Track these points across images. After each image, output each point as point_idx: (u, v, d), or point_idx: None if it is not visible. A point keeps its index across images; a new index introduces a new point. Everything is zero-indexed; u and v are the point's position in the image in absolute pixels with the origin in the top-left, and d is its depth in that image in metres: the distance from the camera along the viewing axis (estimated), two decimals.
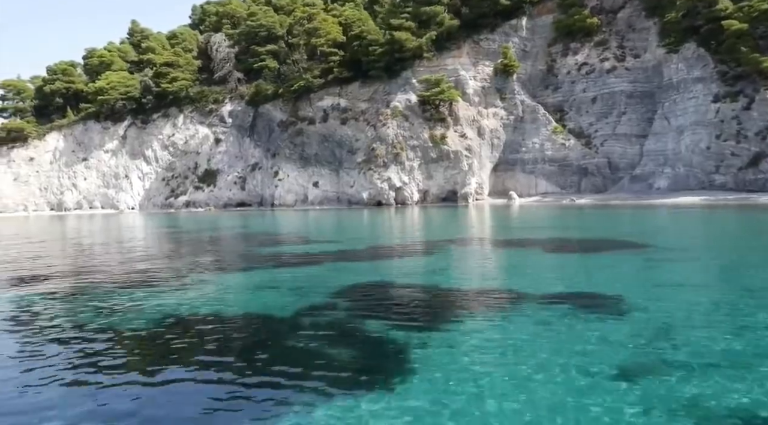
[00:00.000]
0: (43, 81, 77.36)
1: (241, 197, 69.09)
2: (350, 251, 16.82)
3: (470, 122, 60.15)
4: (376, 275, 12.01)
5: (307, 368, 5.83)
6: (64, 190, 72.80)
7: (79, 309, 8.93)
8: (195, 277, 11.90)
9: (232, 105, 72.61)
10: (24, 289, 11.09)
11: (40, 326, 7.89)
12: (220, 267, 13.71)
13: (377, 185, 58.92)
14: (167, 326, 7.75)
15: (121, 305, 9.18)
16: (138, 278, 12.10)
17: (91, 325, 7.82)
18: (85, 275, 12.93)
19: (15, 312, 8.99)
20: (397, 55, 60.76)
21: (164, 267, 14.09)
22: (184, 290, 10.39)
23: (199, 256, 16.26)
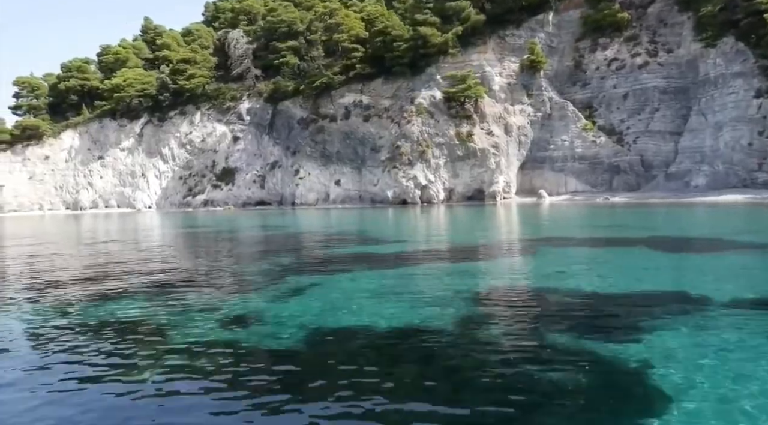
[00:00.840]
0: (58, 78, 76.31)
1: (260, 196, 67.93)
2: (438, 251, 15.58)
3: (496, 119, 58.88)
4: (499, 278, 10.78)
5: (522, 403, 4.51)
6: (80, 189, 71.74)
7: (172, 324, 7.72)
8: (294, 282, 10.65)
9: (250, 102, 71.46)
10: (47, 297, 9.88)
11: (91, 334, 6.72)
12: (312, 270, 12.46)
13: (402, 184, 57.71)
14: (291, 348, 6.42)
15: (225, 320, 7.96)
16: (227, 283, 10.89)
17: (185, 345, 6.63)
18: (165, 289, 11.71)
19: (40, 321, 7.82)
20: (421, 50, 59.52)
21: (243, 271, 12.84)
22: (291, 297, 9.14)
23: (275, 257, 15.01)
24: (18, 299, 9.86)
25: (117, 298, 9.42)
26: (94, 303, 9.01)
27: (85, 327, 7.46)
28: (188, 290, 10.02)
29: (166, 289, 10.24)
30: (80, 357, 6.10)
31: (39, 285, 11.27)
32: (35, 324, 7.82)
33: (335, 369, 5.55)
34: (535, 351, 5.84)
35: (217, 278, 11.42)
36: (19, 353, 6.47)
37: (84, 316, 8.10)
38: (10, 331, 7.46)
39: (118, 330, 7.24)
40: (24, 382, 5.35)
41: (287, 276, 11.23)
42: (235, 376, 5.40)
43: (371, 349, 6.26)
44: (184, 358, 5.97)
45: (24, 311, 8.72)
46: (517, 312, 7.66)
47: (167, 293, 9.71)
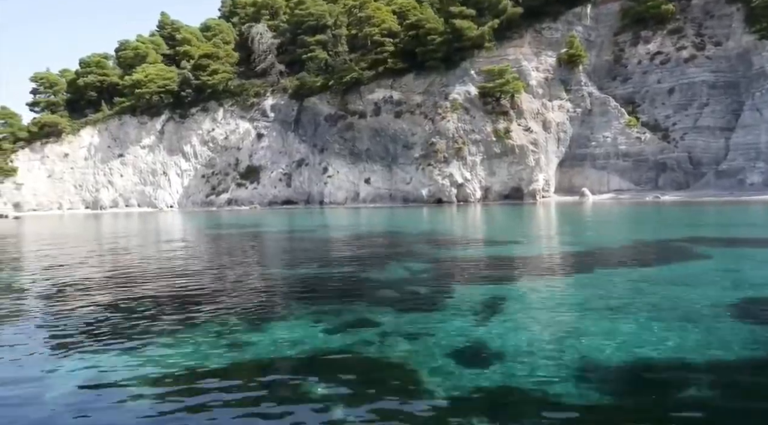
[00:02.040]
0: (76, 74, 74.44)
1: (286, 195, 66.05)
2: (587, 254, 13.64)
3: (534, 115, 56.97)
4: (711, 285, 8.81)
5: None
6: (100, 187, 69.88)
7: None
8: (459, 298, 8.73)
9: (274, 99, 69.57)
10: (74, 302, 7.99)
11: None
12: (462, 279, 10.51)
13: (438, 182, 55.81)
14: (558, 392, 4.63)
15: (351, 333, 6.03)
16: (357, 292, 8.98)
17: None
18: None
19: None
20: (456, 44, 57.61)
21: (376, 277, 10.89)
22: (485, 314, 7.21)
23: (399, 262, 13.06)
24: (38, 307, 8.73)
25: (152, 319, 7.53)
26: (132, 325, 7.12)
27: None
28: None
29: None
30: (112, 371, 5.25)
31: (60, 293, 9.77)
32: (61, 334, 6.82)
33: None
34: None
35: (371, 289, 9.51)
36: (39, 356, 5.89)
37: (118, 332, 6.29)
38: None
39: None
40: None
41: (434, 290, 9.30)
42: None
43: (657, 390, 4.37)
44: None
45: (50, 319, 7.73)
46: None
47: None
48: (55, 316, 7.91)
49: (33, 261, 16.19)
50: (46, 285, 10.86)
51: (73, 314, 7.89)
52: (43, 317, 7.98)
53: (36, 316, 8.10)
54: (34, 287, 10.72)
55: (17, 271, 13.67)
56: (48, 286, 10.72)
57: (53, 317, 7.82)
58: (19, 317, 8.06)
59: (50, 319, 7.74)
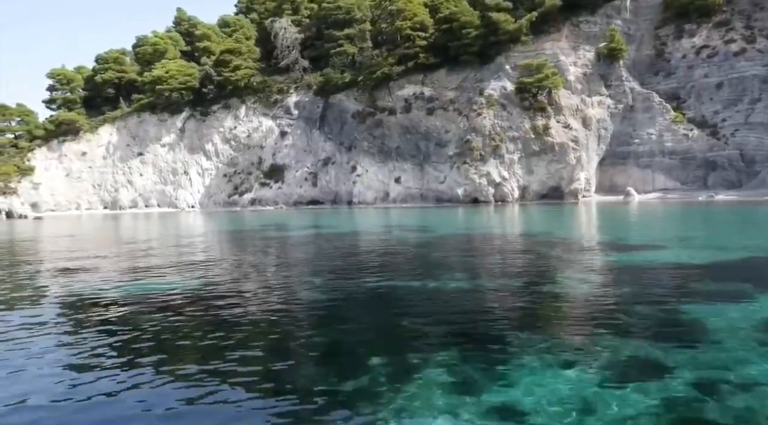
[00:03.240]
0: (93, 71, 72.42)
1: (312, 195, 63.97)
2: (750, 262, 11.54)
3: (573, 112, 54.85)
4: None
5: None
6: (119, 187, 67.83)
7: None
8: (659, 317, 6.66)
9: (298, 95, 67.50)
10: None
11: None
12: (638, 299, 8.43)
13: (474, 181, 53.71)
14: None
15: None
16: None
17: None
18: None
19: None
20: (491, 38, 55.54)
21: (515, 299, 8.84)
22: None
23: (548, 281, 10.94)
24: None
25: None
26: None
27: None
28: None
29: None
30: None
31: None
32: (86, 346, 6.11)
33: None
34: None
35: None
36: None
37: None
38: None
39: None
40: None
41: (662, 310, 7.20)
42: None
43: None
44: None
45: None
46: None
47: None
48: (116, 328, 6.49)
49: (85, 273, 14.12)
50: (87, 295, 8.79)
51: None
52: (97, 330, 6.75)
53: (93, 329, 6.98)
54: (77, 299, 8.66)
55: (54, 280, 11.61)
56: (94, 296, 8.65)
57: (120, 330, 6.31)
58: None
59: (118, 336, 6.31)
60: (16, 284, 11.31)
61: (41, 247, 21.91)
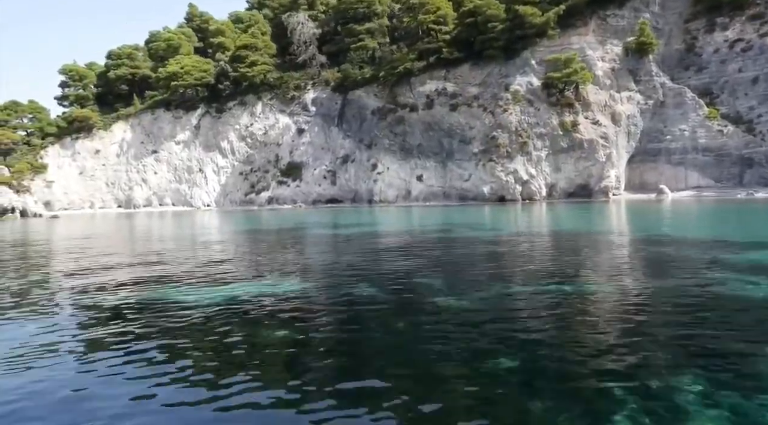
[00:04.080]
0: (106, 67, 71.10)
1: (332, 193, 62.61)
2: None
3: (602, 108, 53.44)
4: None
5: None
6: (133, 185, 66.49)
7: None
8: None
9: (316, 92, 66.17)
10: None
11: None
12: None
13: (501, 179, 52.34)
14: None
15: None
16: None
17: None
18: None
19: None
20: (518, 32, 54.13)
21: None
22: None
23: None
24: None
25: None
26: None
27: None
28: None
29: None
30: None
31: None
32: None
33: None
34: None
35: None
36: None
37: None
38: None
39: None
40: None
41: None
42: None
43: None
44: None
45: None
46: None
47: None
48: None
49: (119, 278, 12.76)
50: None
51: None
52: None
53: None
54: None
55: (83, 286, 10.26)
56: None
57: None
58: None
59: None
60: (37, 287, 10.03)
61: (67, 247, 20.57)
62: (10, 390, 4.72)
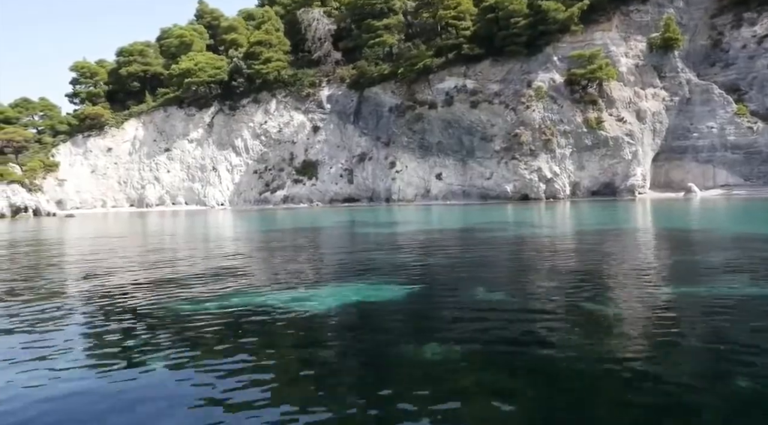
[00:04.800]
0: (118, 64, 70.05)
1: (348, 192, 61.57)
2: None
3: (626, 105, 52.47)
4: None
5: None
6: (146, 184, 65.43)
7: None
8: None
9: (331, 89, 65.14)
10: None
11: None
12: None
13: (524, 177, 51.33)
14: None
15: None
16: None
17: None
18: None
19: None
20: (540, 28, 53.12)
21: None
22: None
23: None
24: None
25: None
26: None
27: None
28: None
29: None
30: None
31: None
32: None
33: None
34: None
35: None
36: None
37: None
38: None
39: None
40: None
41: None
42: None
43: None
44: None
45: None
46: None
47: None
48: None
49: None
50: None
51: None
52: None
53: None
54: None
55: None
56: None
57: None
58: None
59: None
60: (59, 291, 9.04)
61: (103, 248, 19.58)
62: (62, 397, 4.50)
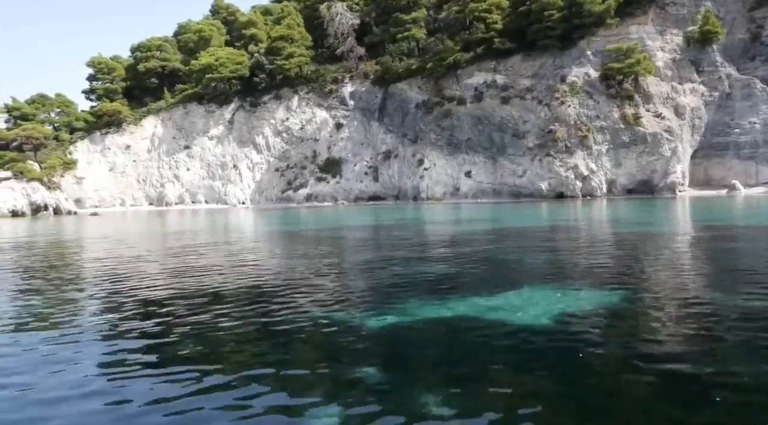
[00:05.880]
0: (135, 59, 68.57)
1: (374, 190, 60.12)
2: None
3: (663, 100, 51.00)
4: None
5: None
6: (165, 182, 63.95)
7: None
8: None
9: (354, 85, 63.64)
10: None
11: None
12: None
13: (560, 174, 49.89)
14: None
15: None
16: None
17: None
18: None
19: None
20: (575, 21, 51.68)
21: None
22: None
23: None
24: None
25: None
26: None
27: None
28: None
29: None
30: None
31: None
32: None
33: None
34: None
35: None
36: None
37: None
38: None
39: None
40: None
41: None
42: None
43: None
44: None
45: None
46: None
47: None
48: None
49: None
50: None
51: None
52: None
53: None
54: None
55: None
56: None
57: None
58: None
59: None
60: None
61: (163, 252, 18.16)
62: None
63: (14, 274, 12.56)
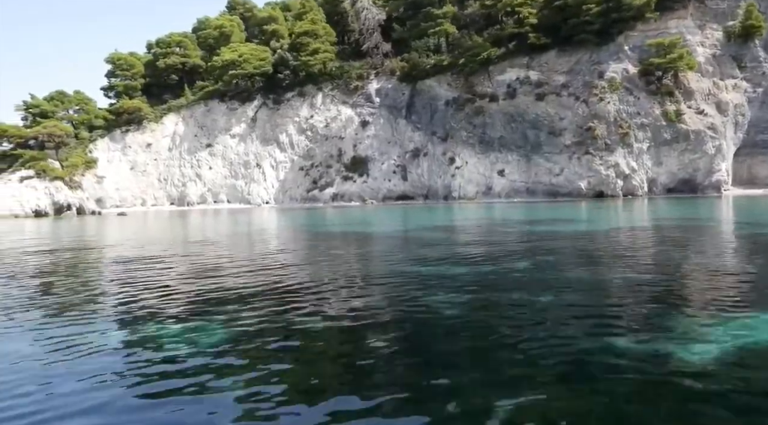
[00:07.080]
0: (155, 55, 67.08)
1: (403, 189, 58.76)
2: None
3: (705, 96, 49.69)
4: None
5: None
6: (186, 181, 62.55)
7: None
8: None
9: (380, 82, 62.26)
10: None
11: None
12: None
13: (600, 173, 48.52)
14: None
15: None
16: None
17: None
18: None
19: None
20: (614, 15, 50.29)
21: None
22: None
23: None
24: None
25: None
26: None
27: None
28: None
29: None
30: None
31: None
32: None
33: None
34: None
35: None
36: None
37: None
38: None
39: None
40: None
41: None
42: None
43: None
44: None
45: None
46: None
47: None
48: None
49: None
50: None
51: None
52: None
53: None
54: None
55: None
56: None
57: None
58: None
59: None
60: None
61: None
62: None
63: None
